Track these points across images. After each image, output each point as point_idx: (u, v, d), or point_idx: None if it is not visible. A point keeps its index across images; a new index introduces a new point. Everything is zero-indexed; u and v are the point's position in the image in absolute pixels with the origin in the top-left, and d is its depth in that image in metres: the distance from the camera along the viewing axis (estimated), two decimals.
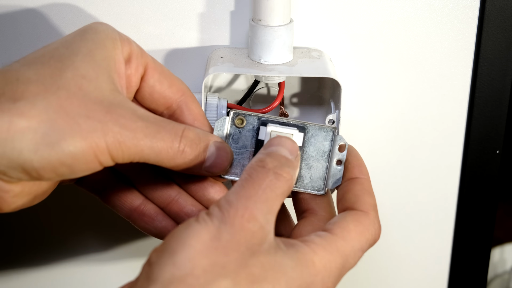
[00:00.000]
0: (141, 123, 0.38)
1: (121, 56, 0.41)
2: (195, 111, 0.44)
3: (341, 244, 0.38)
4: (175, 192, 0.45)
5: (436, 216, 0.60)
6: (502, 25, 0.53)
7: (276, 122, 0.43)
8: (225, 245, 0.35)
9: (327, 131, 0.43)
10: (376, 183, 0.58)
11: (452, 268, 0.62)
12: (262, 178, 0.37)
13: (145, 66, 0.43)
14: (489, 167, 0.58)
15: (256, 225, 0.36)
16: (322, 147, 0.43)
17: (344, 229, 0.39)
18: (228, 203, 0.36)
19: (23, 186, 0.39)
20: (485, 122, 0.56)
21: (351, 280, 0.62)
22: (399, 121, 0.56)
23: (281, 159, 0.39)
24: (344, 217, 0.40)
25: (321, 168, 0.44)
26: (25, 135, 0.35)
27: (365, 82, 0.55)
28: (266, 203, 0.36)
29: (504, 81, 0.55)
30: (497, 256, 0.97)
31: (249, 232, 0.35)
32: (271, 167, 0.38)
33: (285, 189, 0.38)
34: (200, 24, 0.52)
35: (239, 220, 0.35)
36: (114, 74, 0.40)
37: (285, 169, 0.38)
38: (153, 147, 0.38)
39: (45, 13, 0.52)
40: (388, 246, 0.61)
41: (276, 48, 0.48)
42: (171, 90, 0.43)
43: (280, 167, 0.38)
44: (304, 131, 0.43)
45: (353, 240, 0.39)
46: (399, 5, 0.52)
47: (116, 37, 0.41)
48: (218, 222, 0.35)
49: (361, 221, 0.40)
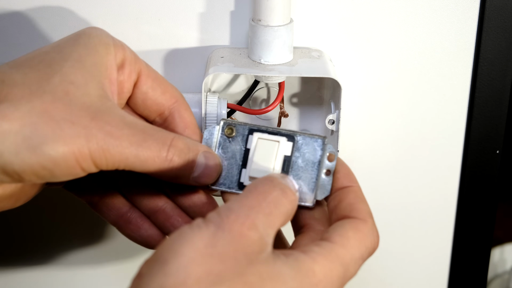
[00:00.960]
0: (128, 131, 0.38)
1: (113, 62, 0.40)
2: (187, 119, 0.44)
3: (341, 252, 0.37)
4: (162, 201, 0.45)
5: (436, 216, 0.60)
6: (502, 25, 0.53)
7: (265, 131, 0.42)
8: (220, 252, 0.33)
9: (317, 140, 0.42)
10: (376, 183, 0.59)
11: (452, 268, 0.62)
12: (269, 191, 0.36)
13: (139, 72, 0.42)
14: (489, 167, 0.58)
15: (256, 234, 0.34)
16: (311, 158, 0.42)
17: (343, 237, 0.38)
18: (228, 210, 0.35)
19: (4, 188, 0.38)
20: (485, 122, 0.56)
21: (351, 280, 0.62)
22: (399, 121, 0.56)
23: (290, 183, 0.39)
24: (343, 225, 0.38)
25: (310, 179, 0.42)
26: (6, 137, 0.35)
27: (365, 82, 0.55)
28: (268, 217, 0.35)
29: (504, 81, 0.55)
30: (497, 256, 0.96)
31: (248, 239, 0.34)
32: (278, 183, 0.37)
33: (289, 208, 0.37)
34: (200, 24, 0.52)
35: (238, 226, 0.34)
36: (104, 80, 0.39)
37: (292, 190, 0.38)
38: (139, 156, 0.38)
39: (45, 13, 0.52)
40: (388, 246, 0.61)
41: (276, 48, 0.48)
42: (164, 97, 0.43)
43: (288, 187, 0.38)
44: (294, 140, 0.42)
45: (353, 247, 0.37)
46: (399, 5, 0.52)
47: (109, 42, 0.41)
48: (214, 228, 0.34)
49: (360, 229, 0.39)
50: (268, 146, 0.42)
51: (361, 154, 0.57)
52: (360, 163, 0.57)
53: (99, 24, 0.52)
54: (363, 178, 0.58)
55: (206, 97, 0.49)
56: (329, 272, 0.36)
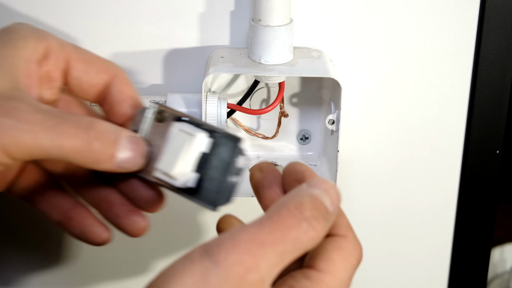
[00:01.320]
0: (40, 116, 0.36)
1: (32, 55, 0.39)
2: (124, 93, 0.41)
3: (330, 279, 0.34)
4: (105, 191, 0.42)
5: (436, 216, 0.60)
6: (502, 25, 0.53)
7: (190, 122, 0.39)
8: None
9: (232, 140, 0.38)
10: (376, 183, 0.59)
11: (452, 268, 0.62)
12: (292, 225, 0.32)
13: (67, 59, 0.41)
14: (489, 167, 0.58)
15: (256, 277, 0.31)
16: (225, 158, 0.38)
17: (329, 262, 0.35)
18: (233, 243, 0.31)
19: None
20: (485, 122, 0.56)
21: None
22: (399, 121, 0.56)
23: (322, 209, 0.34)
24: (325, 247, 0.36)
25: (220, 181, 0.38)
26: None
27: (365, 82, 0.55)
28: (280, 256, 0.32)
29: (504, 81, 0.55)
30: (497, 256, 0.96)
31: (245, 283, 0.31)
32: (308, 215, 0.33)
33: (311, 246, 0.33)
34: (200, 24, 0.52)
35: (237, 267, 0.31)
36: (18, 73, 0.38)
37: (322, 223, 0.33)
38: (54, 140, 0.36)
39: (45, 13, 0.52)
40: (388, 246, 0.61)
41: (276, 48, 0.48)
42: (99, 77, 0.41)
43: (317, 219, 0.33)
44: (214, 137, 0.38)
45: (341, 271, 0.35)
46: (399, 5, 0.52)
47: (28, 35, 0.39)
48: (209, 264, 0.31)
49: (343, 248, 0.36)
50: (184, 139, 0.38)
51: (361, 154, 0.57)
52: (360, 163, 0.57)
53: (99, 24, 0.52)
54: (363, 178, 0.58)
55: (206, 97, 0.49)
56: None
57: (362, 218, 0.60)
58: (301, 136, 0.56)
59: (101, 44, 0.53)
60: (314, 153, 0.56)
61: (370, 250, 0.61)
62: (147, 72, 0.54)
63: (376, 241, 0.61)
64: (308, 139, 0.56)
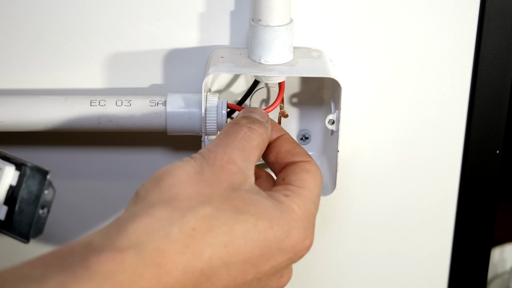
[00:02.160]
0: None
1: None
2: None
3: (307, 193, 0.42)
4: None
5: (436, 216, 0.60)
6: (502, 25, 0.53)
7: None
8: (207, 179, 0.38)
9: (42, 173, 0.39)
10: (376, 183, 0.59)
11: (452, 268, 0.62)
12: (237, 131, 0.42)
13: None
14: (489, 167, 0.58)
15: (235, 167, 0.39)
16: (35, 191, 0.39)
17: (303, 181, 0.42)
18: (207, 150, 0.40)
19: None
20: (485, 122, 0.56)
21: (351, 280, 0.62)
22: (399, 121, 0.56)
23: (253, 119, 0.43)
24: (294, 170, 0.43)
25: (31, 213, 0.39)
26: None
27: (365, 82, 0.55)
28: (243, 152, 0.40)
29: (504, 81, 0.55)
30: (497, 256, 0.96)
31: (229, 172, 0.39)
32: (244, 123, 0.43)
33: (259, 141, 0.42)
34: (200, 24, 0.52)
35: (219, 161, 0.39)
36: None
37: (257, 124, 0.43)
38: None
39: (45, 13, 0.52)
40: (388, 246, 0.61)
41: (276, 48, 0.48)
42: None
43: (253, 123, 0.43)
44: (21, 170, 0.39)
45: (314, 187, 0.42)
46: (399, 5, 0.52)
47: None
48: (201, 161, 0.39)
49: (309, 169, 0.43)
50: None
51: (361, 154, 0.57)
52: (360, 163, 0.57)
53: (99, 24, 0.52)
54: (363, 178, 0.58)
55: (206, 97, 0.49)
56: (306, 210, 0.41)
57: (362, 218, 0.60)
58: (301, 136, 0.56)
59: (101, 44, 0.53)
60: (314, 153, 0.56)
61: (370, 250, 0.61)
62: (147, 72, 0.54)
63: (376, 241, 0.61)
64: (308, 139, 0.56)
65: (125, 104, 0.50)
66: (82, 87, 0.54)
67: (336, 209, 0.59)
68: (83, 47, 0.53)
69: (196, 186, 0.37)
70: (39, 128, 0.51)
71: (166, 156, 0.57)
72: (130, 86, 0.54)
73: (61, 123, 0.50)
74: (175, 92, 0.51)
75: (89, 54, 0.53)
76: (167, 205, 0.36)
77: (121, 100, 0.51)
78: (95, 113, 0.50)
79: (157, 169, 0.39)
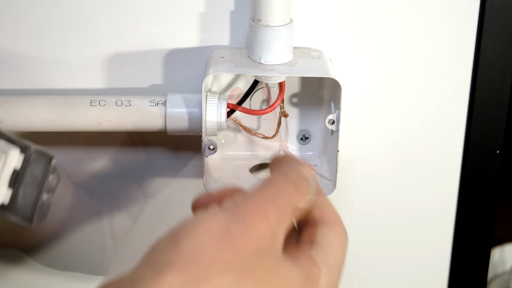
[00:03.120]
0: None
1: None
2: None
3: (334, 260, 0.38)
4: None
5: (436, 216, 0.60)
6: (502, 25, 0.53)
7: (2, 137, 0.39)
8: (234, 241, 0.34)
9: (47, 158, 0.38)
10: (376, 183, 0.59)
11: (452, 268, 0.62)
12: (283, 187, 0.37)
13: None
14: (489, 167, 0.58)
15: (267, 228, 0.35)
16: (39, 175, 0.38)
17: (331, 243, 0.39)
18: (244, 199, 0.35)
19: None
20: (485, 122, 0.56)
21: (351, 280, 0.62)
22: (399, 121, 0.56)
23: (303, 176, 0.38)
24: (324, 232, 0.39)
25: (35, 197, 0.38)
26: None
27: (365, 82, 0.55)
28: (281, 212, 0.36)
29: (504, 81, 0.55)
30: (497, 256, 0.96)
31: (260, 233, 0.34)
32: (293, 179, 0.37)
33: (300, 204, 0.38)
34: (200, 24, 0.52)
35: (252, 217, 0.34)
36: None
37: (306, 185, 0.38)
38: None
39: (45, 13, 0.52)
40: (388, 246, 0.61)
41: (276, 48, 0.48)
42: None
43: (301, 182, 0.38)
44: (26, 153, 0.38)
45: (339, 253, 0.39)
46: (399, 5, 0.52)
47: None
48: (230, 215, 0.34)
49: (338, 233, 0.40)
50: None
51: (361, 154, 0.57)
52: (360, 163, 0.57)
53: (99, 24, 0.52)
54: (363, 178, 0.58)
55: (206, 97, 0.49)
56: (329, 280, 0.37)
57: (362, 218, 0.60)
58: (301, 136, 0.56)
59: (101, 44, 0.53)
60: (314, 153, 0.56)
61: (370, 250, 0.61)
62: (147, 72, 0.54)
63: (376, 241, 0.61)
64: (308, 139, 0.56)
65: (125, 104, 0.50)
66: (82, 87, 0.54)
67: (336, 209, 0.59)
68: (83, 47, 0.53)
69: (219, 249, 0.33)
70: (39, 128, 0.51)
71: (166, 156, 0.57)
72: (130, 86, 0.54)
73: (61, 123, 0.50)
74: (175, 92, 0.51)
75: (89, 54, 0.53)
76: (182, 272, 0.32)
77: (121, 100, 0.51)
78: (95, 113, 0.50)
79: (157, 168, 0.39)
